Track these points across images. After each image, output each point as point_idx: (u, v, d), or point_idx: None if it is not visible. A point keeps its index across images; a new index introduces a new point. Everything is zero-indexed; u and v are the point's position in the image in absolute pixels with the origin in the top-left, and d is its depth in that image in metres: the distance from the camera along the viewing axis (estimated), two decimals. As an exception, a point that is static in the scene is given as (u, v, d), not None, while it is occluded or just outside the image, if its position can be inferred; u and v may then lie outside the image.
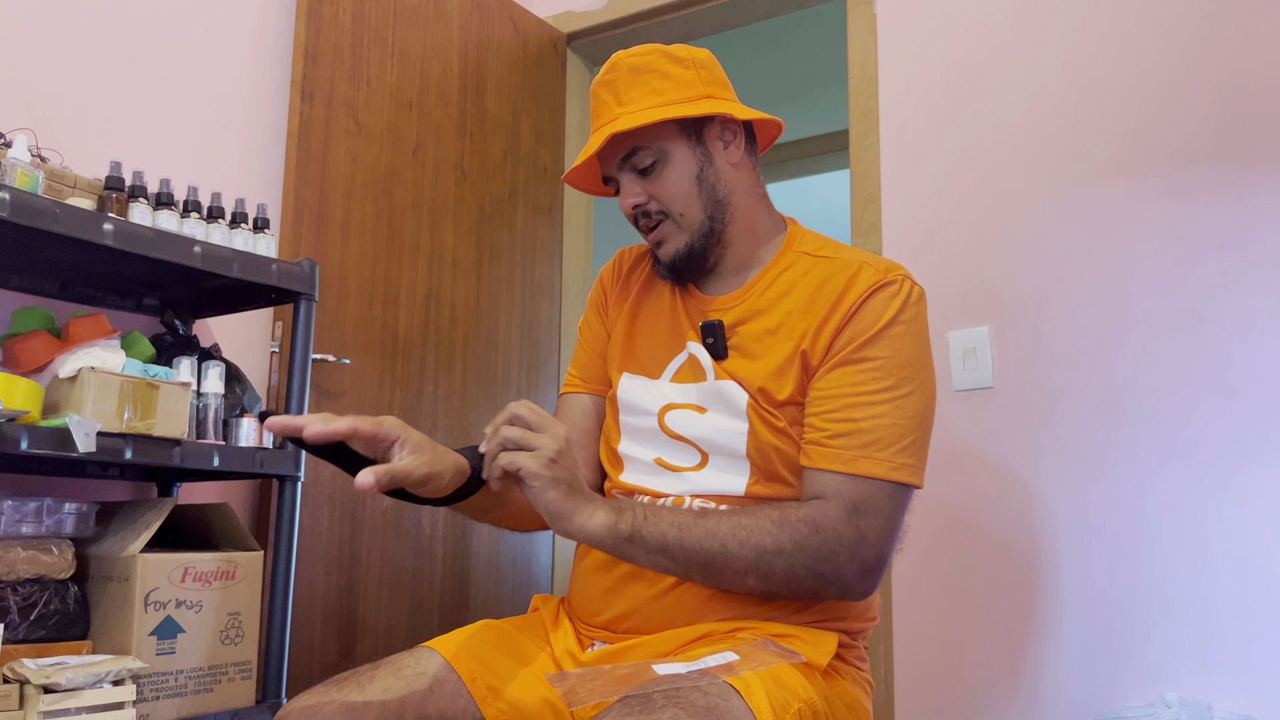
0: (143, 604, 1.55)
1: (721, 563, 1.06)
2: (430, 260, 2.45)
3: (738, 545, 1.06)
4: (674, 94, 1.20)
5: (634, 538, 1.05)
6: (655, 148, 1.21)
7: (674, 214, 1.22)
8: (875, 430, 1.11)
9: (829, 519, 1.08)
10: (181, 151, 2.07)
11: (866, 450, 1.10)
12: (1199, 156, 1.91)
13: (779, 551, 1.06)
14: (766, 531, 1.07)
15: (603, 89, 1.23)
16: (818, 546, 1.07)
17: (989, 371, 2.05)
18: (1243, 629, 1.75)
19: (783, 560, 1.06)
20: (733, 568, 1.07)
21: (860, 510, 1.09)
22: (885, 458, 1.10)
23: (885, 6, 2.32)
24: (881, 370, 1.13)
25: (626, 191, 1.22)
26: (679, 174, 1.21)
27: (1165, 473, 1.85)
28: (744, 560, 1.06)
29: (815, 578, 1.08)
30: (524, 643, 1.18)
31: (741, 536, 1.07)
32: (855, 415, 1.12)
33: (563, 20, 2.90)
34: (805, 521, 1.08)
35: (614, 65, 1.23)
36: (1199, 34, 1.93)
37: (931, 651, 2.05)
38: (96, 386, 1.48)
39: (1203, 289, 1.87)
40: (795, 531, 1.07)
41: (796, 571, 1.07)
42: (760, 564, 1.06)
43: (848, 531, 1.08)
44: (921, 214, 2.20)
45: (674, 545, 1.06)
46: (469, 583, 2.45)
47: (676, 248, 1.23)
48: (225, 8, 2.18)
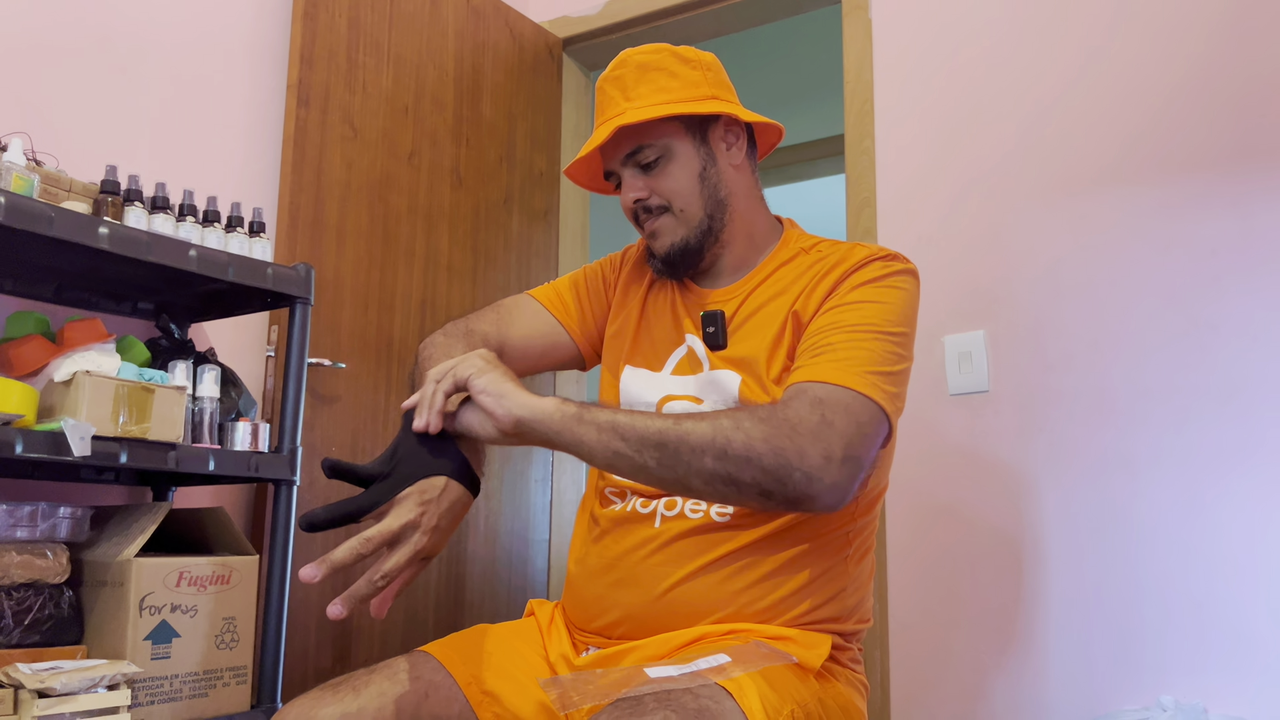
0: (137, 608, 1.54)
1: (675, 439, 1.00)
2: (425, 265, 2.45)
3: (693, 423, 1.01)
4: (681, 92, 1.22)
5: (582, 417, 1.03)
6: (660, 144, 1.22)
7: (675, 209, 1.23)
8: (848, 352, 1.08)
9: (789, 407, 1.04)
10: (177, 156, 2.07)
11: (837, 365, 1.07)
12: (1193, 162, 1.92)
13: (736, 426, 1.00)
14: (725, 412, 1.04)
15: (610, 84, 1.24)
16: (778, 422, 1.01)
17: (984, 376, 2.06)
18: (1238, 633, 1.76)
19: (740, 435, 0.99)
20: (688, 443, 1.00)
21: (825, 404, 1.04)
22: (854, 373, 1.06)
23: (881, 12, 2.33)
24: (863, 312, 1.13)
25: (629, 186, 1.24)
26: (682, 171, 1.22)
27: (1160, 477, 1.86)
28: (700, 436, 1.00)
29: (776, 454, 0.99)
30: (519, 647, 1.18)
31: (698, 416, 1.03)
32: (832, 339, 1.10)
33: (558, 25, 2.90)
34: (764, 407, 1.05)
35: (622, 61, 1.24)
36: (1194, 41, 1.94)
37: (926, 654, 2.05)
38: (91, 390, 1.48)
39: (1196, 294, 1.87)
40: (754, 411, 1.03)
41: (756, 446, 0.99)
42: (717, 438, 0.99)
43: (810, 415, 1.02)
44: (916, 219, 2.20)
45: (625, 424, 1.02)
46: (464, 587, 2.45)
47: (672, 241, 1.24)
48: (221, 12, 2.18)
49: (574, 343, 1.36)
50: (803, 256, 1.25)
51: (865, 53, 2.33)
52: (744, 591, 1.12)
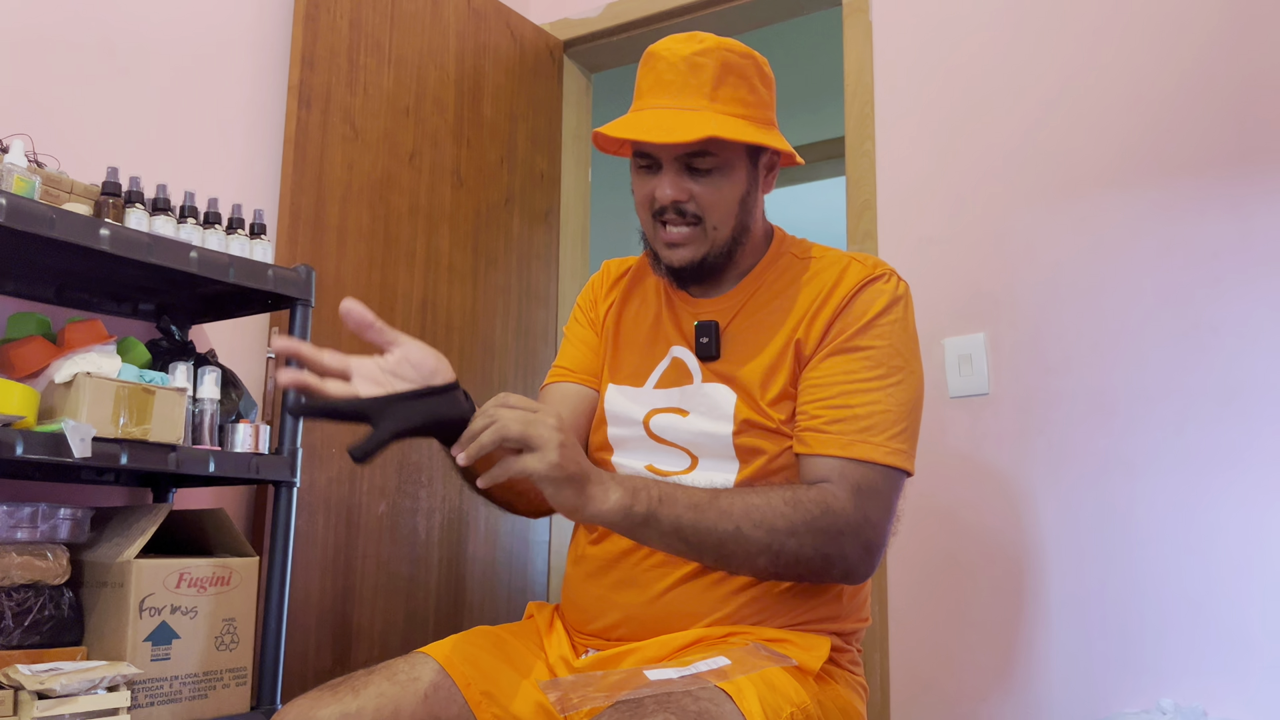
0: (137, 610, 1.54)
1: (734, 545, 1.05)
2: (426, 266, 2.45)
3: (752, 527, 1.05)
4: (758, 111, 1.18)
5: (649, 520, 1.03)
6: (724, 157, 1.17)
7: (708, 224, 1.18)
8: (870, 416, 1.12)
9: (837, 500, 1.08)
10: (178, 157, 2.07)
11: (863, 435, 1.11)
12: (1194, 164, 1.92)
13: (791, 532, 1.06)
14: (779, 513, 1.06)
15: (687, 66, 1.15)
16: (827, 527, 1.07)
17: (984, 378, 2.06)
18: (1238, 635, 1.75)
19: (794, 541, 1.06)
20: (745, 550, 1.06)
21: (862, 492, 1.09)
22: (880, 442, 1.11)
23: (881, 14, 2.33)
24: (873, 359, 1.15)
25: (673, 184, 1.17)
26: (731, 190, 1.19)
27: (1160, 479, 1.86)
28: (757, 543, 1.05)
29: (823, 559, 1.08)
30: (518, 649, 1.18)
31: (756, 518, 1.06)
32: (850, 402, 1.13)
33: (560, 27, 2.90)
34: (816, 503, 1.07)
35: (706, 51, 1.15)
36: (1196, 43, 1.94)
37: (926, 656, 2.05)
38: (92, 392, 1.48)
39: (1197, 296, 1.87)
40: (807, 512, 1.07)
41: (805, 552, 1.07)
42: (773, 545, 1.06)
43: (854, 513, 1.08)
44: (917, 221, 2.21)
45: (689, 528, 1.04)
46: (464, 589, 2.45)
47: (692, 256, 1.20)
48: (222, 14, 2.19)
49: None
50: (795, 263, 1.25)
51: (866, 55, 2.33)
52: (741, 592, 1.13)
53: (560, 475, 0.96)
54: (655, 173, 1.18)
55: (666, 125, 1.12)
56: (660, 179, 1.18)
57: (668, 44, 1.18)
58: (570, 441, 0.97)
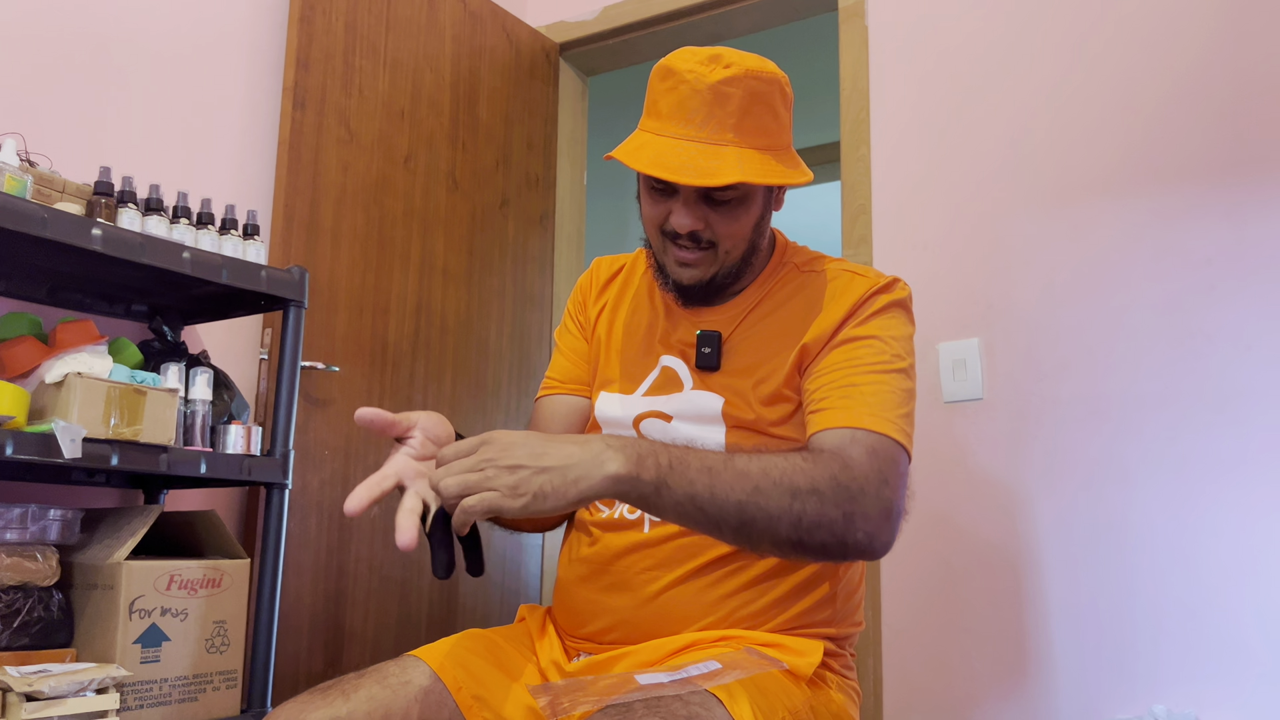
0: (127, 612, 1.54)
1: (755, 510, 0.97)
2: (421, 269, 2.45)
3: (771, 486, 0.98)
4: (778, 139, 1.16)
5: (660, 489, 0.95)
6: (743, 189, 1.15)
7: (722, 248, 1.17)
8: (877, 395, 1.11)
9: (853, 459, 1.05)
10: (171, 157, 2.07)
11: (871, 409, 1.10)
12: (1188, 171, 1.92)
13: (813, 489, 0.99)
14: (799, 469, 1.01)
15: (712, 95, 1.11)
16: (848, 483, 1.02)
17: (978, 383, 2.06)
18: (1231, 642, 1.75)
19: (815, 500, 0.99)
20: (767, 514, 0.98)
21: (878, 454, 1.06)
22: (889, 419, 1.10)
23: (877, 20, 2.33)
24: (875, 347, 1.15)
25: (690, 214, 1.14)
26: (747, 217, 1.17)
27: (1153, 485, 1.86)
28: (779, 504, 0.98)
29: (846, 518, 1.00)
30: (510, 652, 1.17)
31: (775, 476, 0.99)
32: (856, 380, 1.12)
33: (556, 30, 2.90)
34: (834, 458, 1.04)
35: (733, 80, 1.11)
36: (1188, 50, 1.95)
37: (919, 661, 2.04)
38: (83, 392, 1.47)
39: (1191, 303, 1.88)
40: (827, 467, 1.02)
41: (829, 512, 0.99)
42: (795, 506, 0.98)
43: (872, 471, 1.04)
44: (912, 226, 2.21)
45: (704, 496, 0.96)
46: (457, 591, 2.44)
47: (703, 276, 1.19)
48: (217, 14, 2.18)
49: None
50: (797, 274, 1.24)
51: (861, 60, 2.33)
52: (734, 595, 1.12)
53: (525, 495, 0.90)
54: (670, 197, 1.16)
55: (694, 164, 1.09)
56: (676, 206, 1.15)
57: (691, 64, 1.13)
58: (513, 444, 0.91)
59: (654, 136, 1.14)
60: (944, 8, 2.24)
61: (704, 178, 1.08)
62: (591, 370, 1.33)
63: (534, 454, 0.91)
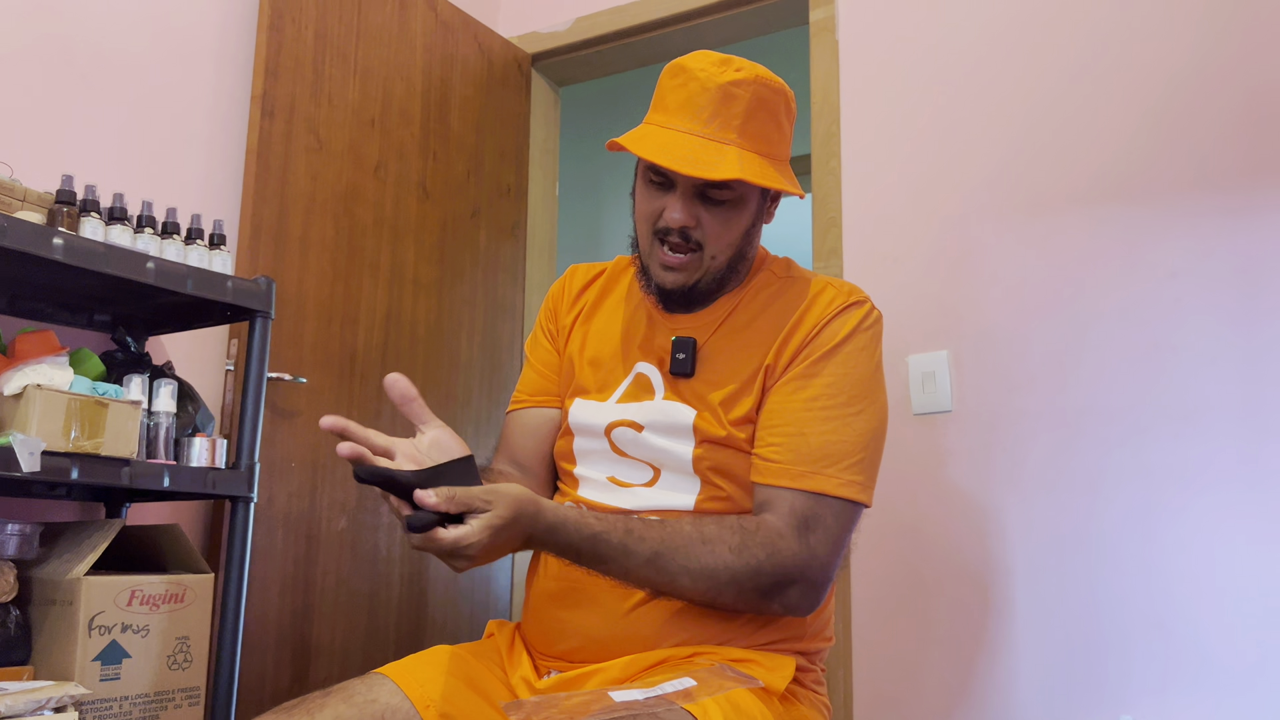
0: (86, 628, 1.50)
1: (670, 592, 1.10)
2: (391, 279, 2.43)
3: (690, 580, 1.08)
4: (779, 149, 1.17)
5: (584, 568, 1.10)
6: (740, 191, 1.16)
7: (708, 252, 1.17)
8: (825, 446, 1.12)
9: (783, 539, 1.09)
10: (137, 166, 2.04)
11: (816, 466, 1.11)
12: (1152, 186, 1.94)
13: (732, 582, 1.08)
14: (723, 564, 1.07)
15: (721, 94, 1.12)
16: (771, 571, 1.08)
17: (947, 395, 2.07)
18: (1197, 652, 1.77)
19: (733, 589, 1.08)
20: (682, 596, 1.10)
21: (810, 527, 1.09)
22: (834, 474, 1.11)
23: (847, 33, 2.35)
24: (833, 387, 1.14)
25: (684, 209, 1.15)
26: (740, 222, 1.18)
27: (1120, 497, 1.88)
28: (694, 591, 1.09)
29: (763, 601, 1.10)
30: (479, 669, 1.16)
31: (695, 571, 1.07)
32: (806, 430, 1.12)
33: (528, 40, 2.90)
34: (763, 546, 1.08)
35: (742, 82, 1.13)
36: (1153, 65, 1.97)
37: (890, 675, 2.05)
38: (42, 404, 1.44)
39: (1156, 315, 1.90)
40: (753, 557, 1.07)
41: (746, 597, 1.09)
42: (710, 593, 1.09)
43: (800, 551, 1.09)
44: (882, 238, 2.22)
45: (625, 580, 1.10)
46: (426, 606, 2.41)
47: (686, 281, 1.19)
48: (185, 21, 2.15)
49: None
50: (773, 281, 1.24)
51: (832, 74, 2.35)
52: (705, 613, 1.12)
53: (482, 562, 0.99)
54: (667, 191, 1.16)
55: (696, 156, 1.10)
56: (672, 200, 1.16)
57: (702, 64, 1.15)
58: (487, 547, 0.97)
59: (659, 129, 1.15)
60: (914, 23, 2.26)
61: (705, 170, 1.09)
62: (563, 380, 1.32)
63: (488, 557, 1.00)
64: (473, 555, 0.96)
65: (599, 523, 1.07)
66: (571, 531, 1.05)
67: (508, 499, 0.98)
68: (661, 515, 1.15)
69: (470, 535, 0.95)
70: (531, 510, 1.01)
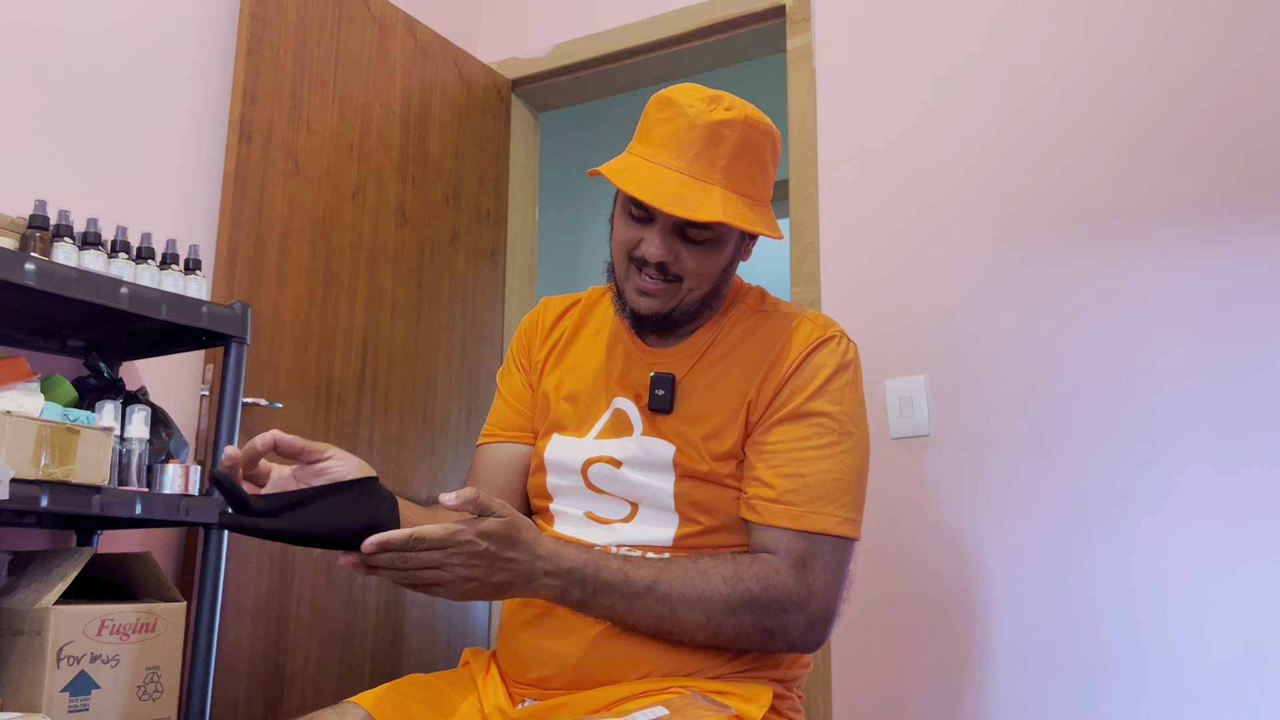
0: (55, 659, 1.48)
1: (670, 626, 1.08)
2: (368, 303, 2.42)
3: (687, 609, 1.07)
4: (761, 189, 1.17)
5: (583, 607, 1.07)
6: (719, 231, 1.16)
7: (685, 286, 1.17)
8: (821, 485, 1.12)
9: (779, 574, 1.09)
10: (112, 190, 2.03)
11: (814, 505, 1.12)
12: (1126, 212, 1.97)
13: (729, 611, 1.07)
14: (718, 593, 1.07)
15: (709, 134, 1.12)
16: (768, 603, 1.08)
17: (925, 420, 2.08)
18: (1174, 676, 1.77)
19: (732, 620, 1.08)
20: (682, 629, 1.08)
21: (809, 565, 1.10)
22: (831, 512, 1.12)
23: (824, 61, 2.37)
24: (824, 425, 1.15)
25: (663, 246, 1.14)
26: (719, 260, 1.18)
27: (1097, 522, 1.88)
28: (693, 623, 1.08)
29: (764, 634, 1.09)
30: (452, 698, 1.15)
31: (693, 599, 1.07)
32: (802, 470, 1.13)
33: (507, 66, 2.91)
34: (757, 578, 1.08)
35: (731, 123, 1.12)
36: (1126, 94, 2.00)
37: (870, 701, 2.04)
38: (12, 431, 1.42)
39: (1129, 340, 1.91)
40: (747, 590, 1.08)
41: (745, 629, 1.09)
42: (710, 624, 1.08)
43: (798, 588, 1.09)
44: (859, 264, 2.23)
45: (623, 615, 1.07)
46: (402, 634, 2.39)
47: (660, 308, 1.18)
48: (162, 46, 2.15)
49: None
50: (749, 314, 1.24)
51: (809, 101, 2.37)
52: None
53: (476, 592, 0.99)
54: (646, 225, 1.16)
55: (680, 195, 1.10)
56: (650, 234, 1.15)
57: (692, 100, 1.14)
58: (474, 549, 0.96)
59: (644, 162, 1.14)
60: (890, 51, 2.29)
61: (688, 210, 1.09)
62: (535, 414, 1.31)
63: (487, 570, 0.98)
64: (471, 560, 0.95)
65: (596, 552, 1.08)
66: (570, 552, 1.05)
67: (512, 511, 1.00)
68: (642, 550, 1.15)
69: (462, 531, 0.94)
70: (530, 529, 1.02)
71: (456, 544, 0.95)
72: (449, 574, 0.95)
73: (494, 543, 0.97)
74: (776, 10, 2.47)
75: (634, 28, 2.68)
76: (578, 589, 1.05)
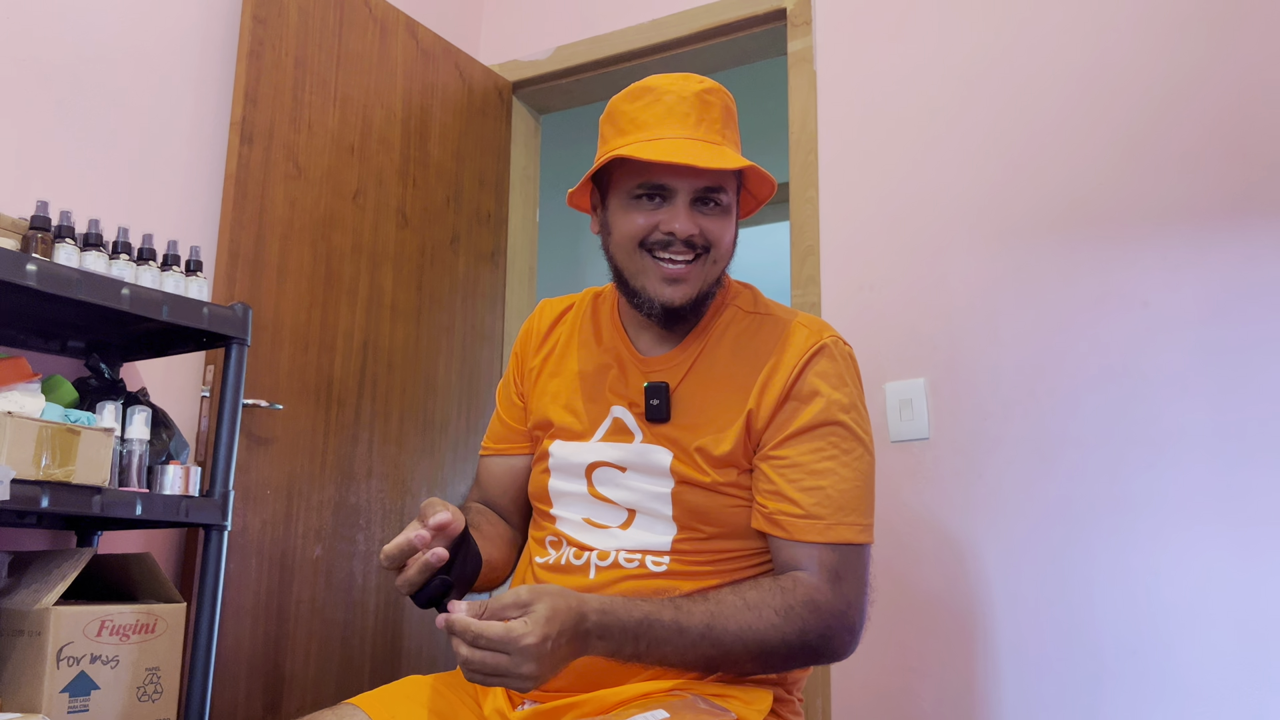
0: (54, 659, 1.48)
1: (722, 663, 1.08)
2: (369, 305, 2.42)
3: (743, 648, 1.07)
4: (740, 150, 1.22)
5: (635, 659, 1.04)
6: (728, 202, 1.18)
7: (711, 257, 1.18)
8: (841, 496, 1.14)
9: (821, 593, 1.11)
10: (113, 192, 2.03)
11: (838, 516, 1.13)
12: (1125, 216, 1.97)
13: (784, 642, 1.08)
14: (772, 626, 1.07)
15: (699, 101, 1.15)
16: (819, 629, 1.09)
17: (925, 423, 2.08)
18: (1173, 680, 1.78)
19: (785, 649, 1.08)
20: (734, 663, 1.08)
21: (842, 578, 1.12)
22: (854, 521, 1.13)
23: (825, 64, 2.38)
24: (836, 434, 1.16)
25: (688, 217, 1.14)
26: (730, 230, 1.20)
27: (1096, 524, 1.89)
28: (747, 657, 1.07)
29: (813, 655, 1.11)
30: (451, 700, 1.15)
31: (749, 639, 1.06)
32: (821, 483, 1.14)
33: (509, 69, 2.92)
34: (805, 604, 1.09)
35: (713, 90, 1.17)
36: (1126, 97, 2.01)
37: (870, 704, 2.04)
38: (13, 432, 1.42)
39: (1128, 344, 1.92)
40: (800, 619, 1.09)
41: (796, 657, 1.10)
42: (763, 657, 1.08)
43: (837, 602, 1.11)
44: (859, 267, 2.24)
45: (676, 662, 1.05)
46: (402, 635, 2.39)
47: (690, 293, 1.17)
48: (164, 48, 2.16)
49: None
50: (741, 317, 1.24)
51: (810, 104, 2.37)
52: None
53: (531, 687, 0.94)
54: (662, 206, 1.16)
55: (710, 155, 1.12)
56: (669, 212, 1.15)
57: (667, 82, 1.17)
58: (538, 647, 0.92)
59: (648, 140, 1.14)
60: (891, 54, 2.29)
61: (723, 161, 1.12)
62: (534, 421, 1.31)
63: (551, 666, 0.94)
64: (534, 658, 0.91)
65: (644, 603, 1.04)
66: (621, 613, 1.01)
67: (539, 590, 0.95)
68: (639, 554, 1.15)
69: (519, 629, 0.90)
70: (574, 600, 0.97)
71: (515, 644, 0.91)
72: (512, 680, 0.93)
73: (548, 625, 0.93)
74: (778, 13, 2.48)
75: (635, 30, 2.68)
76: (630, 649, 1.02)
